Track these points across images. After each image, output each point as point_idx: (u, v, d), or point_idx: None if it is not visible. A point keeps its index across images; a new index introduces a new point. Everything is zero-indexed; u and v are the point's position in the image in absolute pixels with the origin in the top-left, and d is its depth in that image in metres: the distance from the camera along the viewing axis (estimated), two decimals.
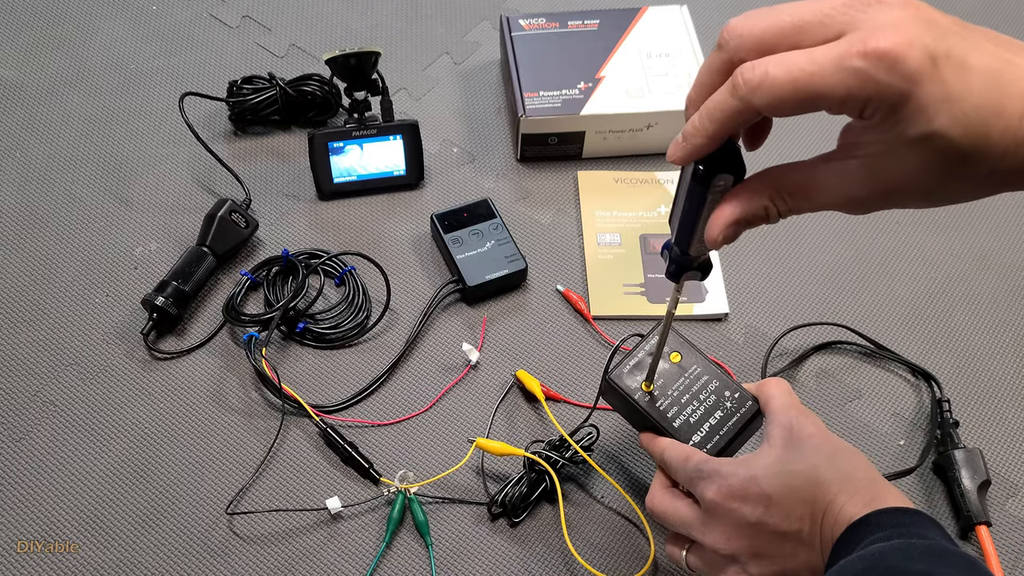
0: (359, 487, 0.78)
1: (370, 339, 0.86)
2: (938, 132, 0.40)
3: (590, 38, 1.01)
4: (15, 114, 1.00)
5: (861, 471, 0.60)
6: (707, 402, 0.70)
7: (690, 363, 0.72)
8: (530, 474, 0.76)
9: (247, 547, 0.74)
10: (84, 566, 0.73)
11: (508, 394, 0.83)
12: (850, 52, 0.40)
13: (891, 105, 0.40)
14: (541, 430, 0.81)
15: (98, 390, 0.82)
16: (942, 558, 0.50)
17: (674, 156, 0.47)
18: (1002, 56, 0.41)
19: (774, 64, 0.42)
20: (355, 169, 0.94)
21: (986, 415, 0.83)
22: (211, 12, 1.10)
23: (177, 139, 0.98)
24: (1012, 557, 0.76)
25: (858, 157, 0.43)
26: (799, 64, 0.41)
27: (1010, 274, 0.93)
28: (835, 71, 0.40)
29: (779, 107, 0.42)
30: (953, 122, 0.40)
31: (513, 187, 0.97)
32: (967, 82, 0.40)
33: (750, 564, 0.61)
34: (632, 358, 0.72)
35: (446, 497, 0.77)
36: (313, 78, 0.98)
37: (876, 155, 0.42)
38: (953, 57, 0.40)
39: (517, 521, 0.76)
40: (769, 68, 0.42)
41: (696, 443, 0.68)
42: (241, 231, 0.89)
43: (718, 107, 0.44)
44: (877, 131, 0.42)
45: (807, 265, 0.93)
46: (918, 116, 0.40)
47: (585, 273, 0.91)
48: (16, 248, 0.90)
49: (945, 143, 0.40)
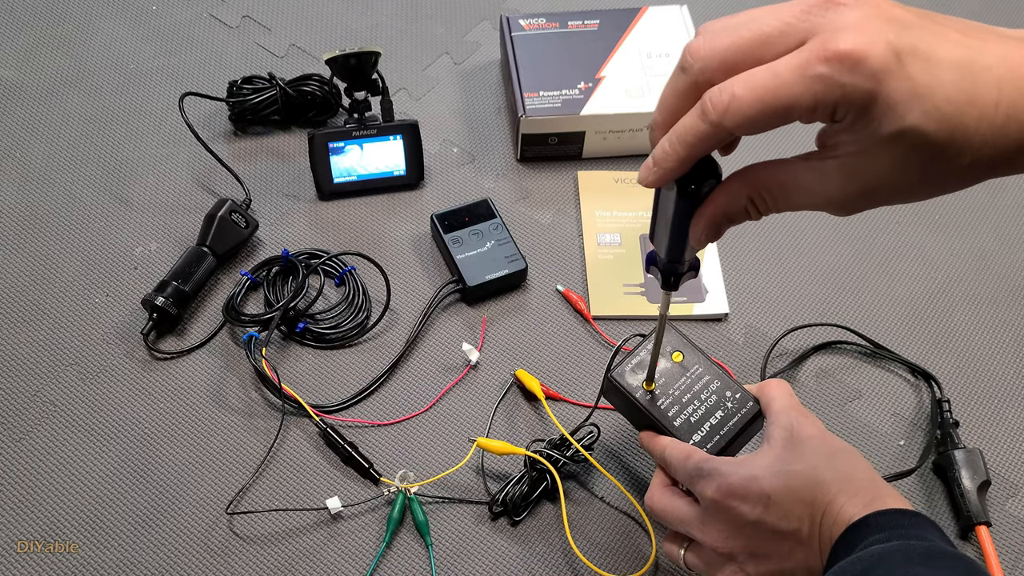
0: (359, 487, 0.78)
1: (370, 339, 0.86)
2: (911, 128, 0.40)
3: (590, 38, 1.01)
4: (15, 114, 1.00)
5: (861, 472, 0.60)
6: (708, 402, 0.70)
7: (692, 363, 0.72)
8: (531, 473, 0.76)
9: (247, 547, 0.74)
10: (84, 566, 0.73)
11: (508, 394, 0.83)
12: (812, 59, 0.39)
13: (860, 106, 0.40)
14: (541, 429, 0.81)
15: (98, 390, 0.82)
16: (941, 560, 0.50)
17: (647, 180, 0.47)
18: (971, 45, 0.40)
19: (740, 85, 0.41)
20: (355, 169, 0.94)
21: (986, 415, 0.83)
22: (211, 12, 1.10)
23: (177, 139, 0.98)
24: (1012, 557, 0.76)
25: (835, 158, 0.43)
26: (762, 81, 0.40)
27: (1010, 274, 0.93)
28: (799, 81, 0.40)
29: (752, 127, 0.42)
30: (925, 117, 0.39)
31: (513, 187, 0.97)
32: (936, 75, 0.39)
33: (748, 563, 0.61)
34: (634, 357, 0.72)
35: (446, 497, 0.77)
36: (313, 78, 0.98)
37: (852, 155, 0.42)
38: (919, 51, 0.39)
39: (518, 520, 0.76)
40: (736, 90, 0.41)
41: (696, 442, 0.68)
42: (241, 231, 0.89)
43: (689, 131, 0.43)
44: (851, 132, 0.41)
45: (807, 265, 0.93)
46: (889, 114, 0.39)
47: (585, 273, 0.91)
48: (16, 248, 0.90)
49: (920, 138, 0.40)
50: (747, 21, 0.42)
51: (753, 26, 0.42)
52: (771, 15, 0.42)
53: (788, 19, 0.41)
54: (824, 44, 0.39)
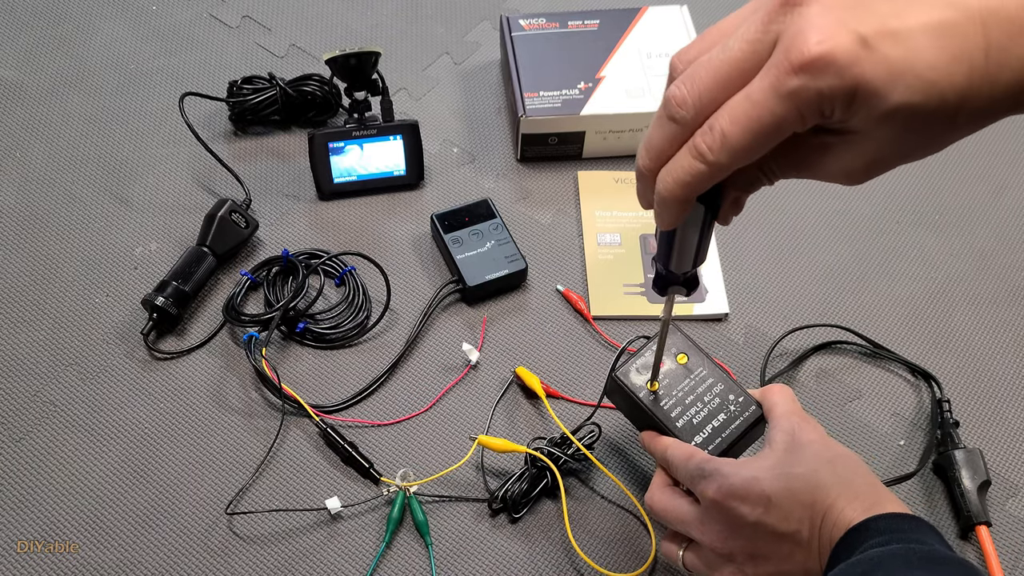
0: (359, 487, 0.78)
1: (370, 339, 0.86)
2: (898, 106, 0.39)
3: (590, 38, 1.01)
4: (15, 114, 1.00)
5: (861, 477, 0.60)
6: (711, 404, 0.70)
7: (696, 365, 0.72)
8: (531, 470, 0.76)
9: (247, 547, 0.74)
10: (84, 566, 0.73)
11: (509, 392, 0.83)
12: (781, 75, 0.39)
13: (844, 101, 0.39)
14: (542, 426, 0.81)
15: (98, 390, 0.82)
16: (941, 564, 0.50)
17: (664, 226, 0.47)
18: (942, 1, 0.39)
19: (726, 120, 0.41)
20: (355, 169, 0.94)
21: (986, 415, 0.83)
22: (211, 12, 1.10)
23: (177, 139, 0.98)
24: (1012, 557, 0.76)
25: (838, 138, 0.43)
26: (744, 111, 0.40)
27: (1010, 274, 0.93)
28: (778, 101, 0.39)
29: (750, 156, 0.42)
30: (910, 90, 0.39)
31: (513, 187, 0.97)
32: (910, 46, 0.38)
33: (747, 564, 0.61)
34: (639, 357, 0.73)
35: (446, 495, 0.77)
36: (313, 78, 0.98)
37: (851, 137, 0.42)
38: (887, 28, 0.38)
39: (517, 517, 0.76)
40: (724, 127, 0.41)
41: (698, 444, 0.68)
42: (241, 231, 0.89)
43: (688, 173, 0.43)
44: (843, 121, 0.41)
45: (807, 265, 0.93)
46: (873, 99, 0.39)
47: (585, 273, 0.91)
48: (16, 248, 0.90)
49: (910, 110, 0.39)
50: (719, 52, 0.42)
51: (725, 56, 0.41)
52: (739, 39, 0.41)
53: (753, 37, 0.40)
54: (788, 55, 0.39)
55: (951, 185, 0.99)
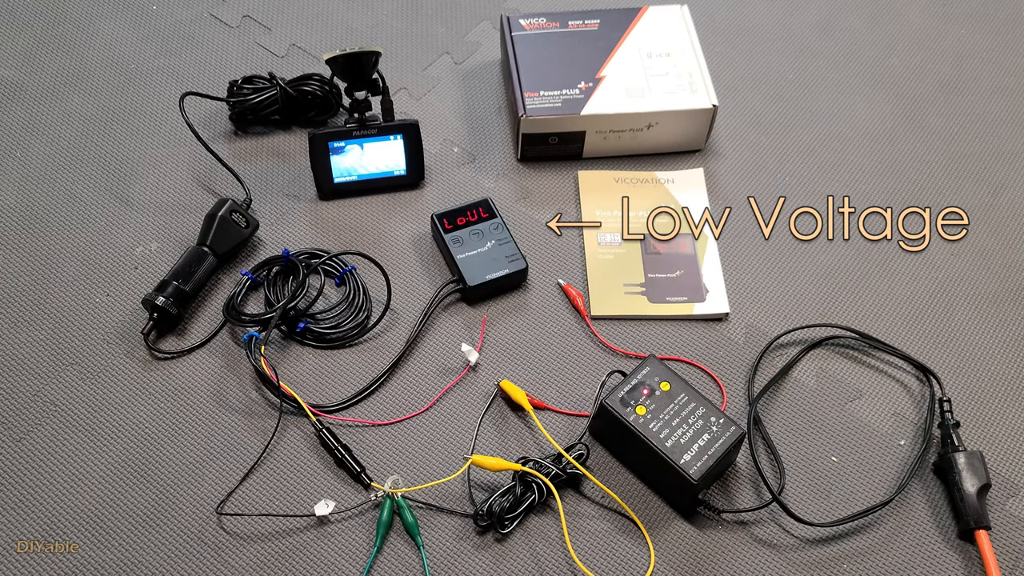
0: (350, 491, 0.77)
1: (370, 339, 0.86)
2: None
3: (590, 38, 1.01)
4: (15, 114, 1.00)
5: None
6: (695, 426, 0.76)
7: (678, 392, 0.78)
8: (519, 486, 0.75)
9: (248, 547, 0.74)
10: (84, 566, 0.73)
11: (497, 403, 0.83)
12: None
13: None
14: (531, 439, 0.81)
15: (98, 390, 0.82)
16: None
17: None
18: None
19: None
20: (355, 169, 0.94)
21: (987, 415, 0.83)
22: (211, 12, 1.10)
23: (177, 139, 0.98)
24: (1012, 558, 0.76)
25: None
26: None
27: (1010, 274, 0.93)
28: None
29: None
30: None
31: (513, 187, 0.97)
32: None
33: None
34: (624, 386, 0.78)
35: (434, 504, 0.77)
36: (313, 78, 0.98)
37: None
38: None
39: (505, 533, 0.75)
40: None
41: (687, 461, 0.74)
42: (241, 231, 0.89)
43: None
44: None
45: (807, 265, 0.92)
46: None
47: (585, 273, 0.91)
48: (16, 248, 0.90)
49: None
50: None
51: None
52: None
53: None
54: None
55: (951, 185, 0.99)
